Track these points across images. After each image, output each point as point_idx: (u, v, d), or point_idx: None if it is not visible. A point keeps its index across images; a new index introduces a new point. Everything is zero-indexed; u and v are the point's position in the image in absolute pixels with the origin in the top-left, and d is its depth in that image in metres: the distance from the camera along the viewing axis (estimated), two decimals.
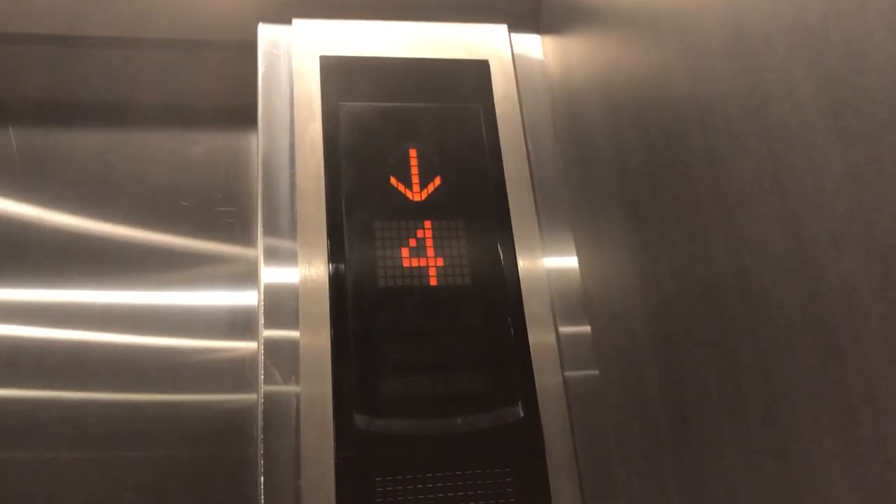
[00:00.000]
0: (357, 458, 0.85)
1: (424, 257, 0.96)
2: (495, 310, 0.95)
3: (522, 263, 0.99)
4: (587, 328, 0.98)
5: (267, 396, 0.88)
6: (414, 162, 1.02)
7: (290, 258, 0.95)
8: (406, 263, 0.95)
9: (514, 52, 1.13)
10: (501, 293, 0.96)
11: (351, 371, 0.89)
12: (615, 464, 0.91)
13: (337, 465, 0.85)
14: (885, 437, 0.49)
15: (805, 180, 0.56)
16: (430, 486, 0.85)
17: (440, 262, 0.96)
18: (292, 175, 0.99)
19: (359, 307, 0.92)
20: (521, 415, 0.91)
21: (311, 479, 0.84)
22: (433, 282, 0.95)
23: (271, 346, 0.90)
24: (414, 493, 0.85)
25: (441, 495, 0.85)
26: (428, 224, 0.98)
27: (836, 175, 0.52)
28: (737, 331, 0.66)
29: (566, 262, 1.02)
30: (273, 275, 0.94)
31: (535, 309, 0.97)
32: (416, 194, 1.00)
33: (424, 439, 0.88)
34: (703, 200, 0.70)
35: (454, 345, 0.93)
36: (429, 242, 0.97)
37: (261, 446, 0.85)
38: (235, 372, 0.98)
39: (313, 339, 0.90)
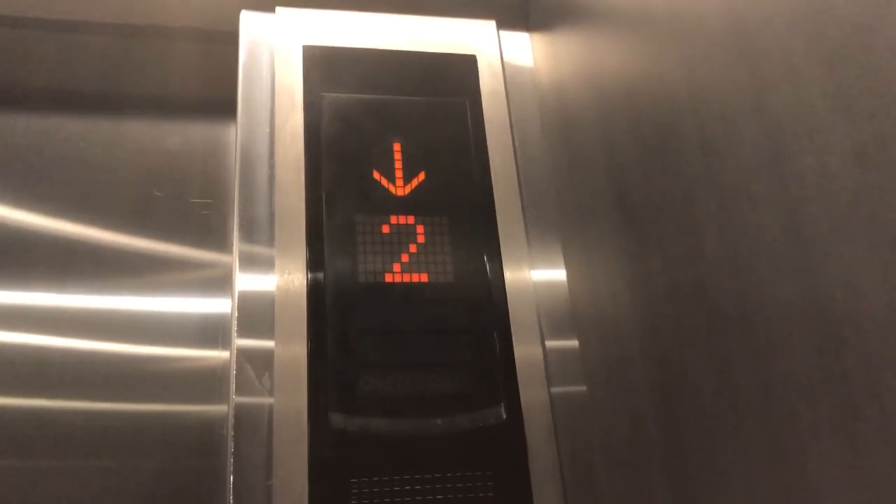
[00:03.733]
0: (332, 458, 0.81)
1: (407, 254, 0.93)
2: (479, 310, 0.92)
3: (507, 261, 0.95)
4: (575, 342, 0.96)
5: (238, 407, 0.84)
6: (398, 156, 0.98)
7: (266, 246, 0.91)
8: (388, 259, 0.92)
9: (503, 48, 1.10)
10: (485, 291, 0.93)
11: (327, 368, 0.85)
12: (601, 471, 0.88)
13: (310, 465, 0.81)
14: (891, 433, 0.47)
15: (806, 164, 0.53)
16: (407, 488, 0.81)
17: (423, 259, 0.93)
18: (271, 166, 0.96)
19: (338, 304, 0.89)
20: (504, 416, 0.87)
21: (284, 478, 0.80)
22: (416, 278, 0.92)
23: (244, 349, 0.86)
24: (391, 496, 0.81)
25: (419, 498, 0.81)
26: (412, 220, 0.95)
27: (840, 156, 0.50)
28: (730, 326, 0.63)
29: (552, 263, 1.00)
30: (248, 264, 0.90)
31: (519, 311, 0.93)
32: (400, 189, 0.97)
33: (403, 440, 0.84)
34: (698, 193, 0.67)
35: (436, 345, 0.89)
36: (412, 239, 0.94)
37: (231, 444, 0.81)
38: (206, 381, 0.93)
39: (288, 340, 0.86)
